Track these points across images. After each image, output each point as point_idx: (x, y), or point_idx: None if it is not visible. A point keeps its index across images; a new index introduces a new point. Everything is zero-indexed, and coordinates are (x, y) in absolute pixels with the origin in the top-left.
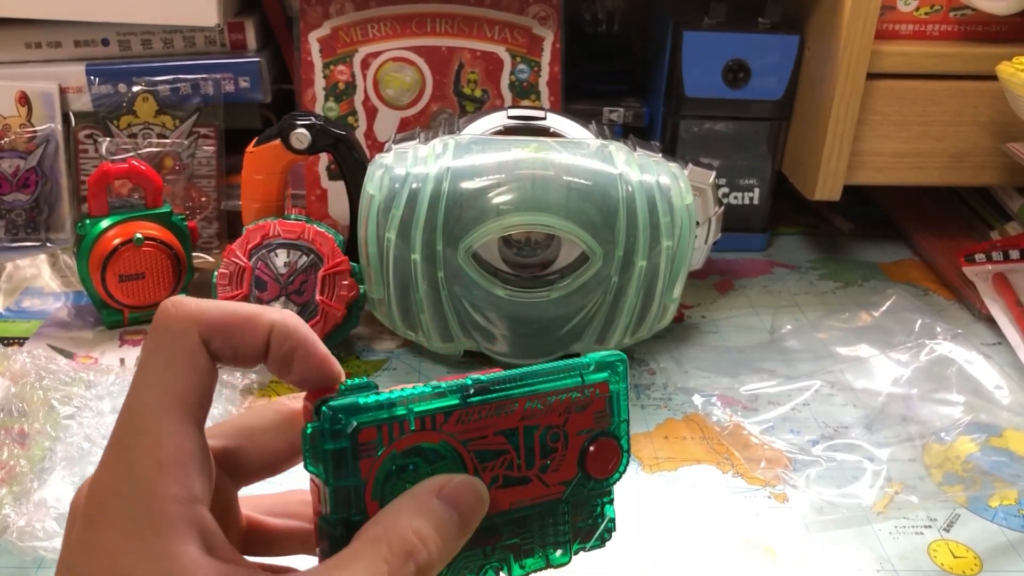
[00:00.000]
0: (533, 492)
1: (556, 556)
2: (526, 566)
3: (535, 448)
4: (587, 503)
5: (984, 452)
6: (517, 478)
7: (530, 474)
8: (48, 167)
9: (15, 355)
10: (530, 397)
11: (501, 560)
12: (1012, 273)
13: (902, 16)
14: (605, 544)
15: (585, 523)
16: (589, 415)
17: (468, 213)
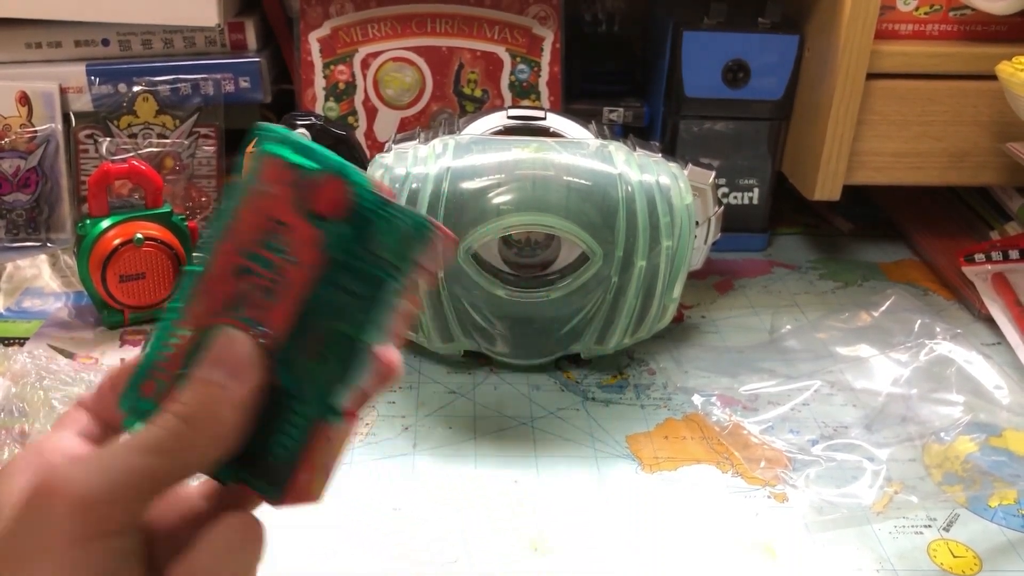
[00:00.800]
0: (299, 277)
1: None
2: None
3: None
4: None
5: (984, 452)
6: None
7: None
8: (48, 167)
9: (16, 355)
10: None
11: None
12: (1012, 273)
13: (902, 16)
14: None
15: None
16: (286, 192)
17: (468, 213)
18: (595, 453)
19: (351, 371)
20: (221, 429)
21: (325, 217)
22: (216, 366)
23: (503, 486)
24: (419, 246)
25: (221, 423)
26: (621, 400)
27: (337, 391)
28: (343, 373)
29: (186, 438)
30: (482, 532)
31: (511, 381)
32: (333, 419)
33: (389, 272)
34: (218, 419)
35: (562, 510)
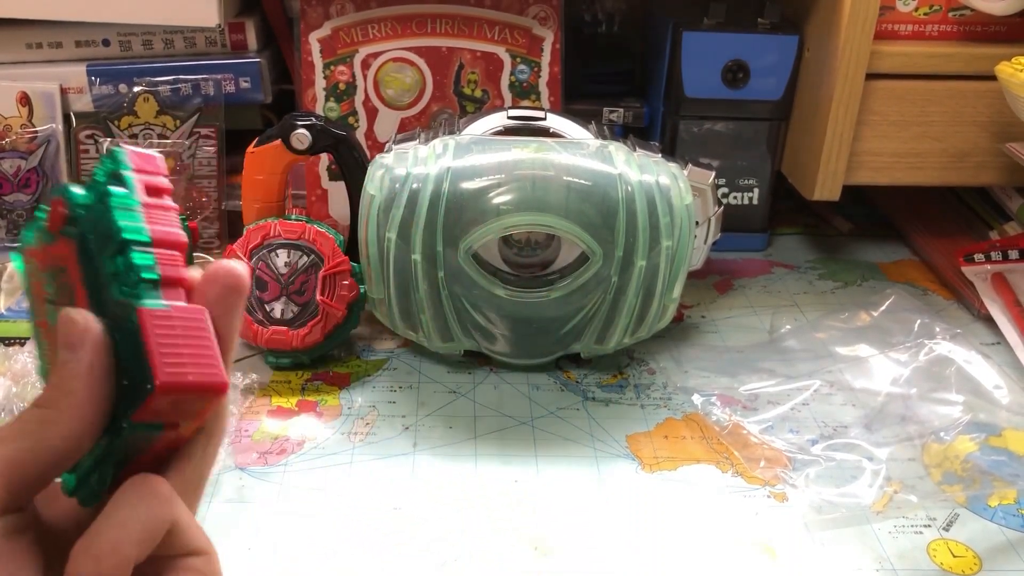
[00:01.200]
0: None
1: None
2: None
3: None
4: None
5: (983, 451)
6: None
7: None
8: (49, 167)
9: (16, 355)
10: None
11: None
12: (1011, 273)
13: (901, 16)
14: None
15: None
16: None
17: (468, 213)
18: (595, 453)
19: (140, 270)
20: (75, 399)
21: (62, 225)
22: (62, 348)
23: (503, 486)
24: (126, 166)
25: (73, 394)
26: (621, 400)
27: (140, 284)
28: (136, 274)
29: (45, 417)
30: (482, 532)
31: (511, 381)
32: (143, 296)
33: (114, 202)
34: (70, 391)
35: (562, 510)
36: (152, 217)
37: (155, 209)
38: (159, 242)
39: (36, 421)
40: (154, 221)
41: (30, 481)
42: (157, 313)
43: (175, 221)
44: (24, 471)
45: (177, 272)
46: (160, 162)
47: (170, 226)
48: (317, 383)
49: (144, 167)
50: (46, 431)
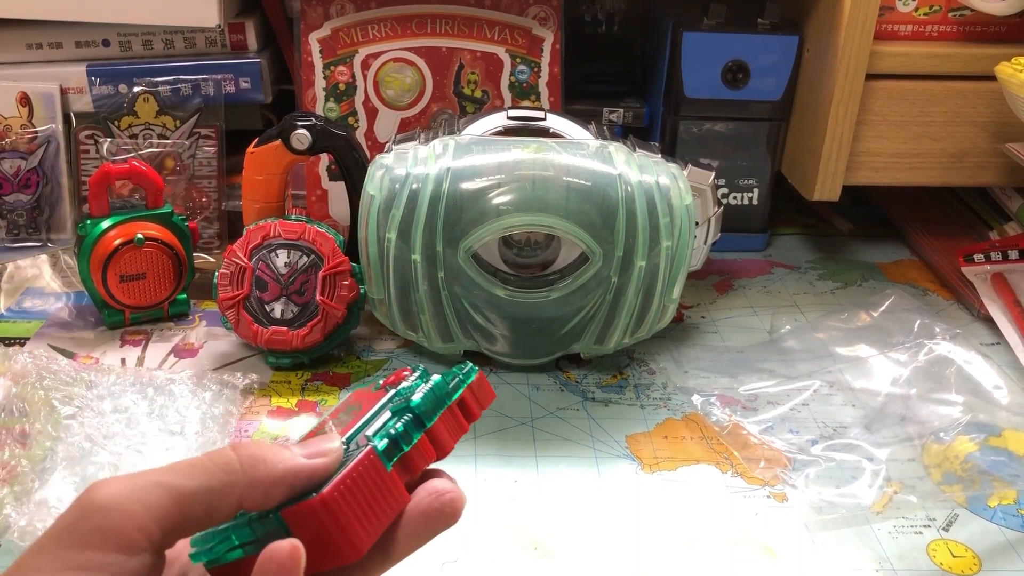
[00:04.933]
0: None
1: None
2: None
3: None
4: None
5: (983, 452)
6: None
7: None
8: (49, 168)
9: (16, 355)
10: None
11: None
12: (1011, 273)
13: (901, 17)
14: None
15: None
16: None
17: (468, 214)
18: (595, 453)
19: (402, 435)
20: (276, 479)
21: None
22: (319, 443)
23: (503, 486)
24: (467, 377)
25: (284, 477)
26: (621, 400)
27: (389, 440)
28: (396, 434)
29: (231, 476)
30: (482, 532)
31: (511, 381)
32: (380, 454)
33: (440, 386)
34: (284, 472)
35: (562, 510)
36: (445, 421)
37: (451, 419)
38: (431, 437)
39: (237, 462)
40: (443, 424)
41: (194, 524)
42: (377, 464)
43: (456, 437)
44: (193, 511)
45: (420, 463)
46: (489, 398)
47: (450, 437)
48: (317, 383)
49: (478, 389)
50: (240, 475)
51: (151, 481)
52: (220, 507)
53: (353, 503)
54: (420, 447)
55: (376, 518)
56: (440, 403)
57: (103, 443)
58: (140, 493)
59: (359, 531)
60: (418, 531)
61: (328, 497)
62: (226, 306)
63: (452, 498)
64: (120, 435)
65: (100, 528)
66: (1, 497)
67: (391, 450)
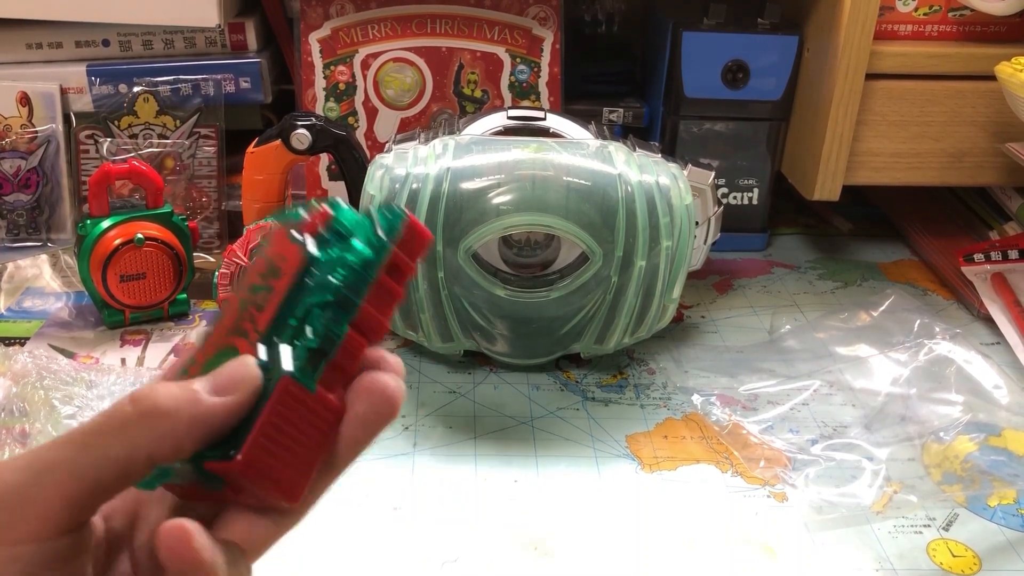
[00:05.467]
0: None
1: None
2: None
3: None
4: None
5: (983, 451)
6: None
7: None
8: (49, 167)
9: (16, 355)
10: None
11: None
12: (1011, 273)
13: (901, 16)
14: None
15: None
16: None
17: (468, 213)
18: (595, 453)
19: (324, 340)
20: (188, 425)
21: (307, 233)
22: (223, 379)
23: (503, 486)
24: (393, 235)
25: (194, 422)
26: (621, 400)
27: (307, 356)
28: (316, 342)
29: (150, 421)
30: (482, 532)
31: (511, 381)
32: (300, 378)
33: (362, 258)
34: (193, 416)
35: (562, 510)
36: (376, 296)
37: (384, 290)
38: (361, 324)
39: (136, 420)
40: (374, 301)
41: (108, 491)
42: (295, 392)
43: (390, 309)
44: (100, 483)
45: (352, 362)
46: (424, 246)
47: (383, 314)
48: None
49: (409, 242)
50: (142, 434)
51: (48, 461)
52: (131, 469)
53: (277, 447)
54: (347, 344)
55: (309, 450)
56: (364, 279)
57: None
58: (37, 478)
59: (292, 478)
60: (359, 438)
61: (245, 458)
62: None
63: (387, 395)
64: None
65: (2, 523)
66: None
67: (312, 363)
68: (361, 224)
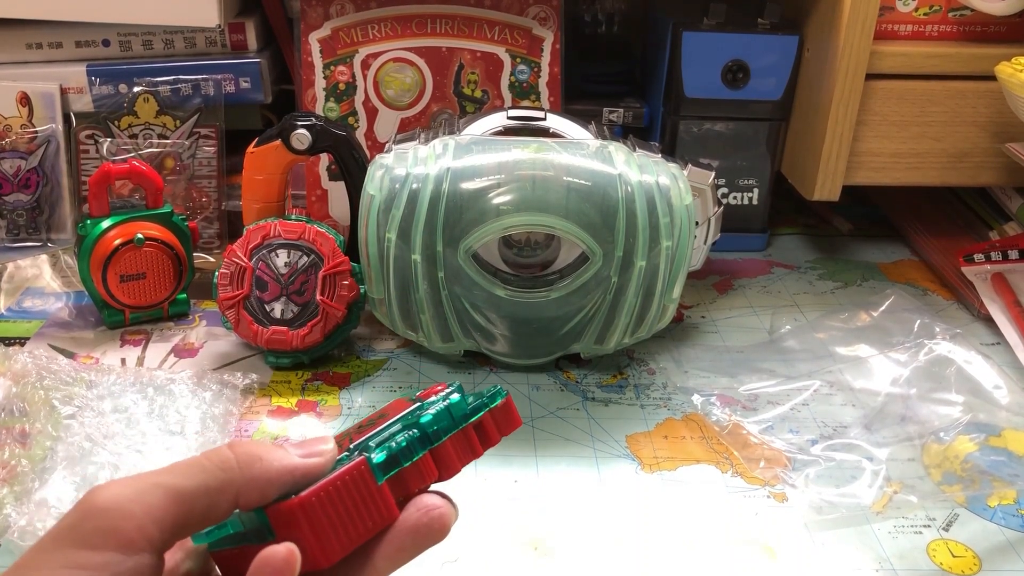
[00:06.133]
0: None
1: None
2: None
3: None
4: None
5: (983, 452)
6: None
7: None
8: (49, 167)
9: (16, 355)
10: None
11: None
12: (1011, 273)
13: (901, 17)
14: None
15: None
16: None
17: (468, 213)
18: (595, 453)
19: (403, 452)
20: (273, 476)
21: (427, 397)
22: (315, 445)
23: (503, 486)
24: (491, 403)
25: (281, 474)
26: (621, 400)
27: (386, 455)
28: (397, 450)
29: (228, 475)
30: (482, 532)
31: (511, 381)
32: (373, 466)
33: (456, 407)
34: (279, 471)
35: (562, 510)
36: (459, 443)
37: (468, 442)
38: (438, 456)
39: (235, 461)
40: (456, 446)
41: (192, 524)
42: (364, 474)
43: (467, 460)
44: (192, 511)
45: (418, 482)
46: (513, 426)
47: (459, 460)
48: (317, 383)
49: (501, 416)
50: (238, 474)
51: (151, 483)
52: (218, 505)
53: (331, 509)
54: (421, 465)
55: (355, 528)
56: (454, 424)
57: (103, 443)
58: (140, 495)
59: (331, 538)
60: (405, 546)
61: (306, 499)
62: (226, 306)
63: (441, 514)
64: (120, 435)
65: (100, 529)
66: (1, 497)
67: (387, 464)
68: (467, 396)
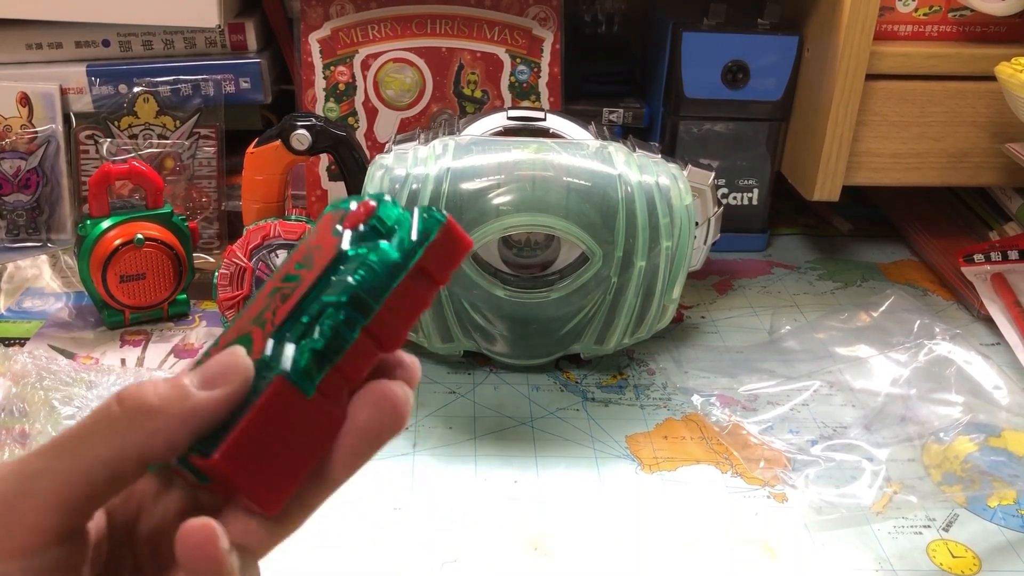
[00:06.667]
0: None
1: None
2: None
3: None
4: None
5: (983, 452)
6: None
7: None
8: (49, 168)
9: (16, 356)
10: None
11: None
12: (1011, 273)
13: (901, 17)
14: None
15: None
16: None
17: (468, 214)
18: (595, 453)
19: (330, 343)
20: (181, 420)
21: (347, 227)
22: (213, 372)
23: (503, 486)
24: (427, 238)
25: (187, 416)
26: (621, 400)
27: (310, 358)
28: (322, 343)
29: (140, 420)
30: (482, 532)
31: (511, 381)
32: (297, 381)
33: (385, 259)
34: (182, 411)
35: (562, 510)
36: (398, 303)
37: (409, 297)
38: (376, 330)
39: (124, 420)
40: (395, 308)
41: (100, 496)
42: (287, 395)
43: (413, 318)
44: (93, 487)
45: (360, 369)
46: (461, 255)
47: (403, 323)
48: None
49: (444, 248)
50: (131, 434)
51: (35, 469)
52: (121, 472)
53: (260, 453)
54: (357, 349)
55: (297, 458)
56: (386, 282)
57: None
58: (24, 487)
59: (272, 486)
60: (359, 450)
61: (225, 455)
62: (226, 306)
63: (392, 405)
64: None
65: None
66: None
67: (315, 365)
68: (402, 223)
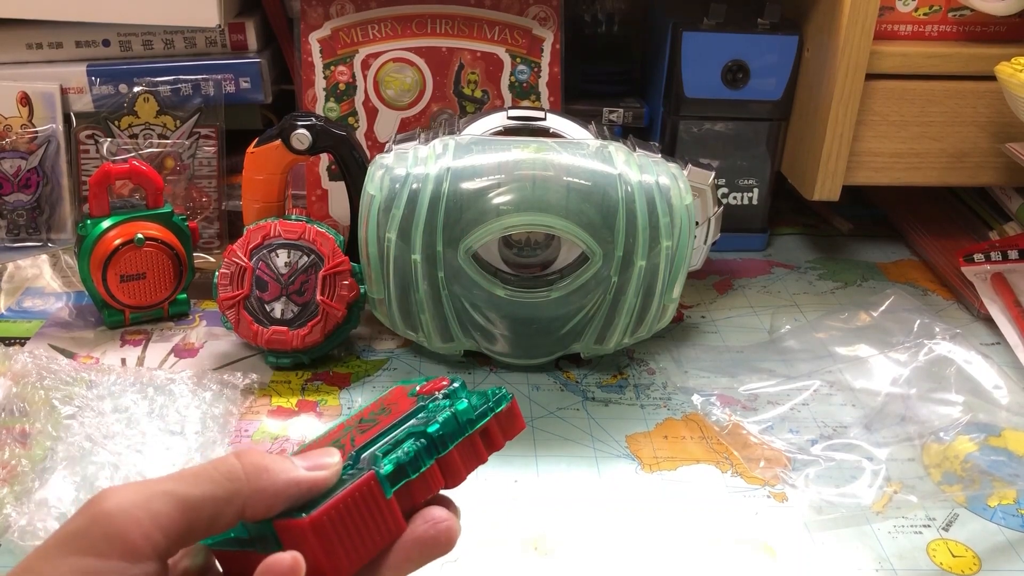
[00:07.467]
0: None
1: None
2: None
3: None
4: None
5: (983, 452)
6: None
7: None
8: (49, 167)
9: (16, 355)
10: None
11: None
12: (1011, 273)
13: (901, 17)
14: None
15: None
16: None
17: (468, 213)
18: (595, 453)
19: (411, 462)
20: (279, 489)
21: (423, 392)
22: (319, 457)
23: (503, 486)
24: (496, 408)
25: (286, 487)
26: (621, 400)
27: (394, 467)
28: (405, 460)
29: (245, 483)
30: (482, 532)
31: (511, 381)
32: (382, 480)
33: (463, 413)
34: (285, 484)
35: (562, 510)
36: (465, 450)
37: (473, 449)
38: (444, 466)
39: (242, 471)
40: (462, 454)
41: (197, 532)
42: (374, 489)
43: (473, 467)
44: (198, 520)
45: (425, 493)
46: (517, 430)
47: (465, 467)
48: (317, 383)
49: (506, 420)
50: (244, 484)
51: (158, 490)
52: (223, 515)
53: (341, 528)
54: (428, 475)
55: (364, 545)
56: (460, 431)
57: (103, 443)
58: (147, 502)
59: (341, 555)
60: (411, 557)
61: (316, 520)
62: (226, 306)
63: (448, 527)
64: (120, 435)
65: (106, 535)
66: (1, 497)
67: (395, 476)
68: (471, 396)
